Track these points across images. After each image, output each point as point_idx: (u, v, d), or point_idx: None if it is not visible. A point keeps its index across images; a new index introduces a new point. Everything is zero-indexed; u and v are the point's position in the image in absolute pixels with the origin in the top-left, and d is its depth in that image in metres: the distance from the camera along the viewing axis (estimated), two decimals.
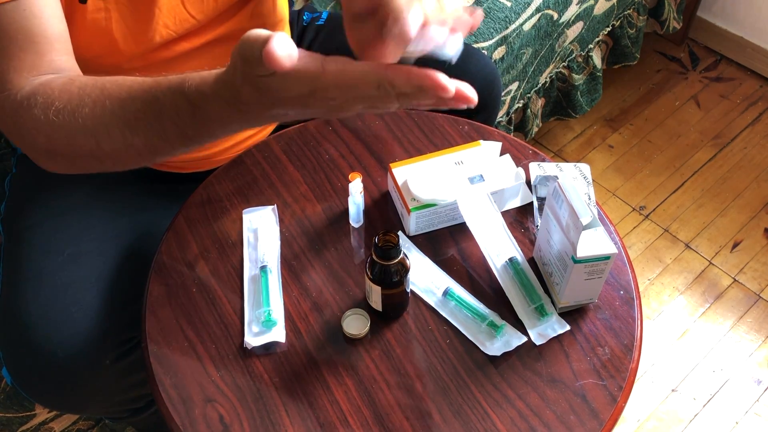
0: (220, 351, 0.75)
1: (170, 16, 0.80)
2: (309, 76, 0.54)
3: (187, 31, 0.82)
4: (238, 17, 0.87)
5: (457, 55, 0.57)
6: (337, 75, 0.54)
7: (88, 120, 0.64)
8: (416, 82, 0.52)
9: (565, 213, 0.72)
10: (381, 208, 0.87)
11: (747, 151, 1.76)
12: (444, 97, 0.52)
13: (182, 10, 0.80)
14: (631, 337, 0.76)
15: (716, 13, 1.91)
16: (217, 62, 0.88)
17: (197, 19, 0.82)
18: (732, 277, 1.54)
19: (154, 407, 1.01)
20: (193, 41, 0.84)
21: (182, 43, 0.83)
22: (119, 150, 0.65)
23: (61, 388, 0.82)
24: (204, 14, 0.82)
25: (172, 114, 0.61)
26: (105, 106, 0.63)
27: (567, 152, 1.77)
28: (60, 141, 0.66)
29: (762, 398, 1.37)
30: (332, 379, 0.73)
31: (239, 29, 0.87)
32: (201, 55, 0.86)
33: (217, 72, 0.58)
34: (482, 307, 0.77)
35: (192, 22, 0.82)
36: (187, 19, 0.81)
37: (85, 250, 0.86)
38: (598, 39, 1.62)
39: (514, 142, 0.93)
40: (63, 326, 0.81)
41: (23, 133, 0.68)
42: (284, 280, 0.81)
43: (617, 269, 0.81)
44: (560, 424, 0.70)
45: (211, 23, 0.85)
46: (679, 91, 1.89)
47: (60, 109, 0.64)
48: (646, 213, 1.65)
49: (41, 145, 0.67)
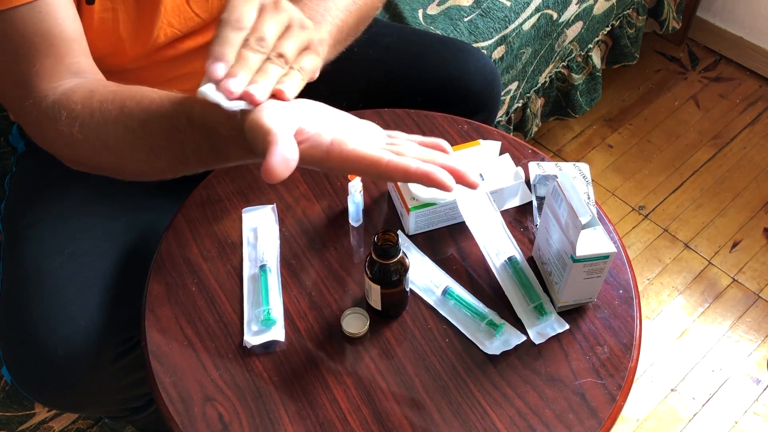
0: (219, 350, 0.75)
1: (175, 15, 0.80)
2: (314, 162, 0.56)
3: (192, 29, 0.82)
4: None
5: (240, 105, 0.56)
6: (341, 162, 0.55)
7: (111, 140, 0.64)
8: (415, 180, 0.54)
9: (564, 212, 0.72)
10: (380, 208, 0.87)
11: (746, 151, 1.76)
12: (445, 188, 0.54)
13: (187, 8, 0.80)
14: (630, 336, 0.76)
15: (716, 13, 1.91)
16: None
17: (202, 18, 0.82)
18: (731, 276, 1.54)
19: (153, 406, 1.01)
20: (197, 39, 0.84)
21: (186, 41, 0.84)
22: (144, 169, 0.67)
23: (60, 387, 0.82)
24: (209, 13, 0.82)
25: (194, 148, 0.62)
26: (127, 128, 0.64)
27: (566, 152, 1.77)
28: (85, 155, 0.67)
29: (761, 398, 1.37)
30: (331, 377, 0.73)
31: None
32: (205, 53, 0.86)
33: (236, 122, 0.57)
34: (481, 306, 0.77)
35: (197, 21, 0.82)
36: (192, 17, 0.81)
37: (85, 249, 0.86)
38: (597, 39, 1.62)
39: (513, 141, 0.93)
40: (63, 325, 0.81)
41: (49, 143, 0.69)
42: (284, 279, 0.81)
43: (616, 268, 0.82)
44: (559, 423, 0.70)
45: (216, 21, 0.85)
46: (678, 91, 1.89)
47: (84, 125, 0.64)
48: (645, 213, 1.65)
49: (67, 156, 0.69)
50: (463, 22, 1.30)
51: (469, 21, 1.31)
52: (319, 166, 0.56)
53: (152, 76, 0.84)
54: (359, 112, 0.97)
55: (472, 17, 1.31)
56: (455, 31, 1.29)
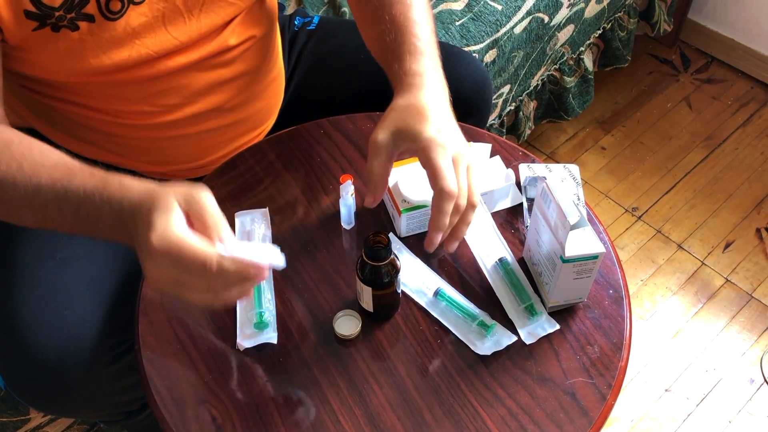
0: (212, 353, 0.76)
1: (151, 37, 0.79)
2: None
3: (168, 51, 0.82)
4: (223, 34, 0.87)
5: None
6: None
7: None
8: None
9: (554, 213, 0.73)
10: (372, 210, 0.88)
11: (738, 152, 1.77)
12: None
13: (164, 32, 0.80)
14: (621, 336, 0.77)
15: (707, 15, 1.92)
16: (204, 78, 0.88)
17: (180, 41, 0.82)
18: (724, 277, 1.55)
19: (148, 410, 1.01)
20: (177, 60, 0.84)
21: (166, 62, 0.83)
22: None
23: (54, 392, 0.82)
24: (188, 36, 0.82)
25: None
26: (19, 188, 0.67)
27: (560, 154, 1.78)
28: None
29: (755, 397, 1.38)
30: (324, 379, 0.74)
31: (225, 47, 0.87)
32: (184, 74, 0.86)
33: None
34: (473, 307, 0.78)
35: (174, 43, 0.82)
36: (169, 40, 0.81)
37: (77, 253, 0.86)
38: (589, 42, 1.63)
39: (504, 143, 0.94)
40: (56, 330, 0.81)
41: None
42: (276, 281, 0.81)
43: (606, 268, 0.82)
44: (550, 423, 0.70)
45: (195, 43, 0.84)
46: (670, 93, 1.90)
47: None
48: (638, 214, 1.66)
49: None
50: (454, 25, 1.31)
51: (460, 25, 1.31)
52: None
53: (128, 93, 0.84)
54: (351, 116, 0.97)
55: (464, 21, 1.32)
56: (447, 35, 1.30)
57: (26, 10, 0.71)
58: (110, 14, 0.75)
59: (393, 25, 0.80)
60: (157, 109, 0.87)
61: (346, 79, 1.05)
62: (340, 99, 1.05)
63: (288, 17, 1.12)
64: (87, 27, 0.75)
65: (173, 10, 0.79)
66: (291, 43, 1.10)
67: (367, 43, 0.86)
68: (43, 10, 0.71)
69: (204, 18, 0.82)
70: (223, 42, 0.87)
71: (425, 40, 0.79)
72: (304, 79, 1.08)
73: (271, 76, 0.99)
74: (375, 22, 0.82)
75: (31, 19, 0.71)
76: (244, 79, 0.93)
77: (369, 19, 0.84)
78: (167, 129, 0.89)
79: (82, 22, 0.74)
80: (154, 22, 0.79)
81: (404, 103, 0.72)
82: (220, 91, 0.90)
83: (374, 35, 0.83)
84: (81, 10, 0.73)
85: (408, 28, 0.79)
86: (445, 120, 0.72)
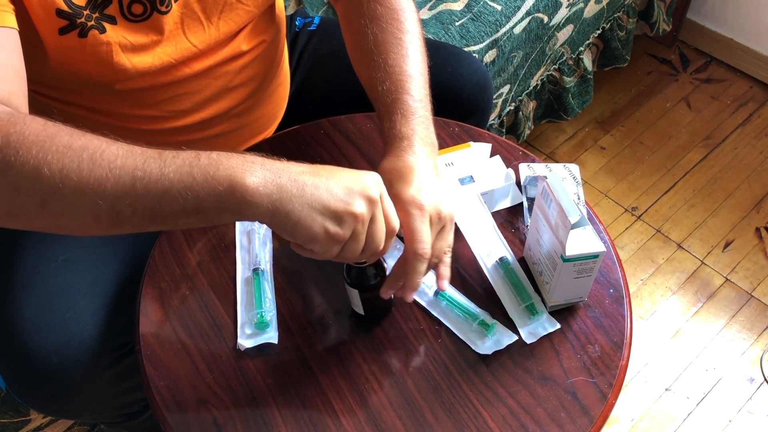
0: (213, 353, 0.76)
1: (171, 44, 0.80)
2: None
3: (186, 58, 0.82)
4: (236, 40, 0.87)
5: None
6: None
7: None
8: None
9: (554, 212, 0.73)
10: None
11: (738, 152, 1.77)
12: None
13: (184, 39, 0.81)
14: (621, 335, 0.77)
15: (706, 15, 1.92)
16: (216, 84, 0.88)
17: (199, 48, 0.82)
18: (724, 276, 1.55)
19: (149, 411, 1.01)
20: (193, 66, 0.85)
21: (183, 68, 0.84)
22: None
23: (55, 394, 0.82)
24: (206, 43, 0.83)
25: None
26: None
27: (559, 154, 1.78)
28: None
29: (755, 396, 1.38)
30: (325, 379, 0.74)
31: (238, 52, 0.87)
32: (197, 81, 0.86)
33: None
34: (473, 307, 0.78)
35: (193, 51, 0.82)
36: (189, 48, 0.82)
37: (78, 256, 0.86)
38: (588, 42, 1.64)
39: (504, 143, 0.94)
40: (57, 332, 0.81)
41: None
42: (277, 282, 0.81)
43: (607, 267, 0.82)
44: (551, 422, 0.71)
45: (211, 50, 0.85)
46: (669, 93, 1.90)
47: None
48: (638, 214, 1.66)
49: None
50: (454, 26, 1.31)
51: (460, 25, 1.32)
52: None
53: (141, 98, 0.84)
54: (351, 116, 0.97)
55: (464, 21, 1.32)
56: (447, 35, 1.30)
57: (58, 8, 0.70)
58: (132, 17, 0.75)
59: (388, 76, 0.80)
60: (166, 115, 0.87)
61: (347, 79, 1.05)
62: (340, 99, 1.05)
63: (289, 18, 1.13)
64: (113, 31, 0.75)
65: (192, 17, 0.80)
66: (292, 43, 1.10)
67: (360, 79, 0.86)
68: (74, 8, 0.71)
69: (222, 25, 0.83)
70: (237, 48, 0.87)
71: (418, 96, 0.79)
72: (305, 79, 1.08)
73: (278, 80, 1.00)
74: (369, 67, 0.82)
75: (61, 17, 0.71)
76: (253, 84, 0.93)
77: (364, 62, 0.83)
78: (173, 134, 0.89)
79: (107, 23, 0.74)
80: (175, 29, 0.79)
81: (389, 166, 0.74)
82: (229, 97, 0.91)
83: (368, 79, 0.83)
84: (104, 11, 0.73)
85: (403, 85, 0.79)
86: (427, 179, 0.73)
